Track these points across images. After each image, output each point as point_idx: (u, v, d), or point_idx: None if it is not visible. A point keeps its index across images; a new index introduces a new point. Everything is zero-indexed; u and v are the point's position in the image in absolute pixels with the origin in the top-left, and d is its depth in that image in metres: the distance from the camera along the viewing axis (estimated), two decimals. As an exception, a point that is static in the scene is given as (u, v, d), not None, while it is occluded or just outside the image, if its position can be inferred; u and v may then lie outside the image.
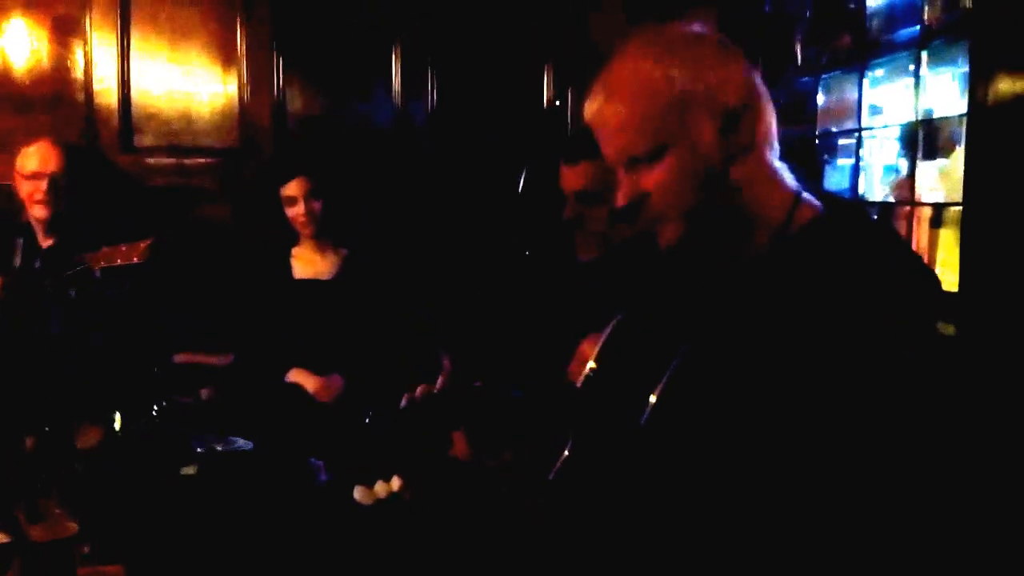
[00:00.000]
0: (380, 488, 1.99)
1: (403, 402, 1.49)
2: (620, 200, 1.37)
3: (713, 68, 1.32)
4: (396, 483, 1.99)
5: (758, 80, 1.37)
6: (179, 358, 3.60)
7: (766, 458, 1.22)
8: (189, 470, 2.23)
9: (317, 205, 3.29)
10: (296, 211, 3.29)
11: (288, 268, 3.36)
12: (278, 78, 4.17)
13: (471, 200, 4.21)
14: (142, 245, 2.89)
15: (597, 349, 1.49)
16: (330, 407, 3.13)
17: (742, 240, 1.37)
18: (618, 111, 1.34)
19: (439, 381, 1.50)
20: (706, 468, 1.27)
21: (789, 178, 1.40)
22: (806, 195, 1.38)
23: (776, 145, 1.39)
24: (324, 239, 3.36)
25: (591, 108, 1.37)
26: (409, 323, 3.42)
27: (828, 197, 1.41)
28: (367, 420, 1.55)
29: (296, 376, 3.20)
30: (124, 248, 2.91)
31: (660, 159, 1.32)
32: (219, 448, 2.36)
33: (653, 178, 1.33)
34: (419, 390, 1.48)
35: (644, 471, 1.33)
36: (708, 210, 1.34)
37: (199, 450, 2.30)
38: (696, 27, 1.39)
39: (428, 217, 4.19)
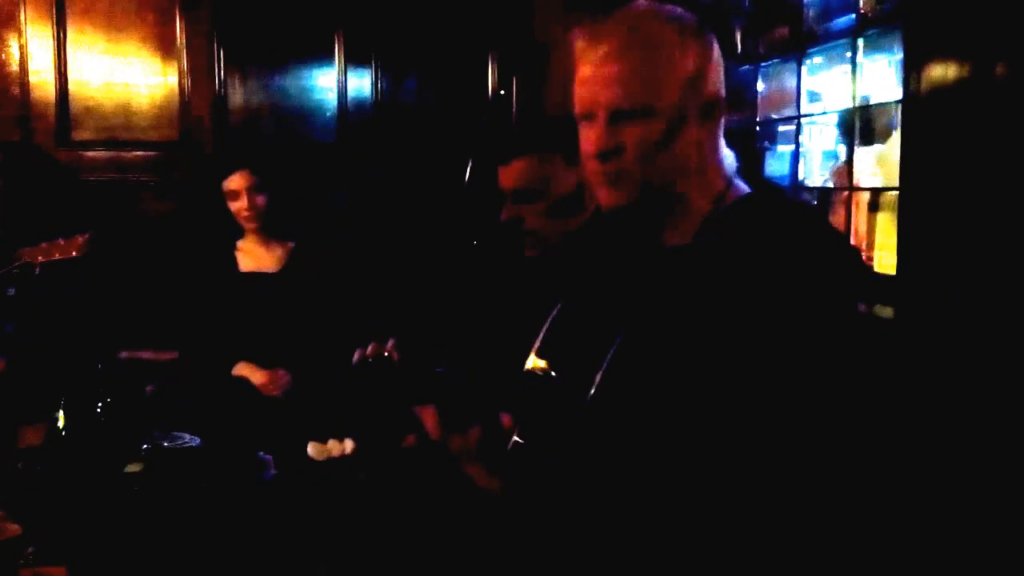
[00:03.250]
0: (333, 446, 2.01)
1: (355, 356, 1.50)
2: (598, 145, 1.38)
3: (714, 56, 1.40)
4: (349, 445, 2.00)
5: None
6: (124, 354, 3.56)
7: (704, 437, 1.25)
8: (134, 467, 2.20)
9: (260, 199, 3.26)
10: (239, 205, 3.26)
11: (233, 261, 3.33)
12: (219, 70, 4.13)
13: (417, 191, 4.21)
14: (80, 239, 2.86)
15: (542, 332, 1.51)
16: (277, 401, 3.11)
17: (676, 218, 1.42)
18: (626, 62, 1.36)
19: (390, 342, 1.50)
20: (649, 447, 1.29)
21: (729, 164, 1.44)
22: (737, 180, 1.43)
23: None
24: (269, 232, 3.33)
25: (597, 51, 1.38)
26: (356, 315, 3.41)
27: (757, 181, 1.46)
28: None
29: (242, 370, 3.17)
30: (62, 242, 2.88)
31: (644, 120, 1.35)
32: (165, 444, 2.34)
33: (634, 135, 1.36)
34: (370, 348, 1.49)
35: (589, 453, 1.35)
36: (662, 182, 1.38)
37: (145, 447, 2.28)
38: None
39: (374, 209, 4.18)
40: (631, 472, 1.31)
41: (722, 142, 1.44)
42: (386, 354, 1.50)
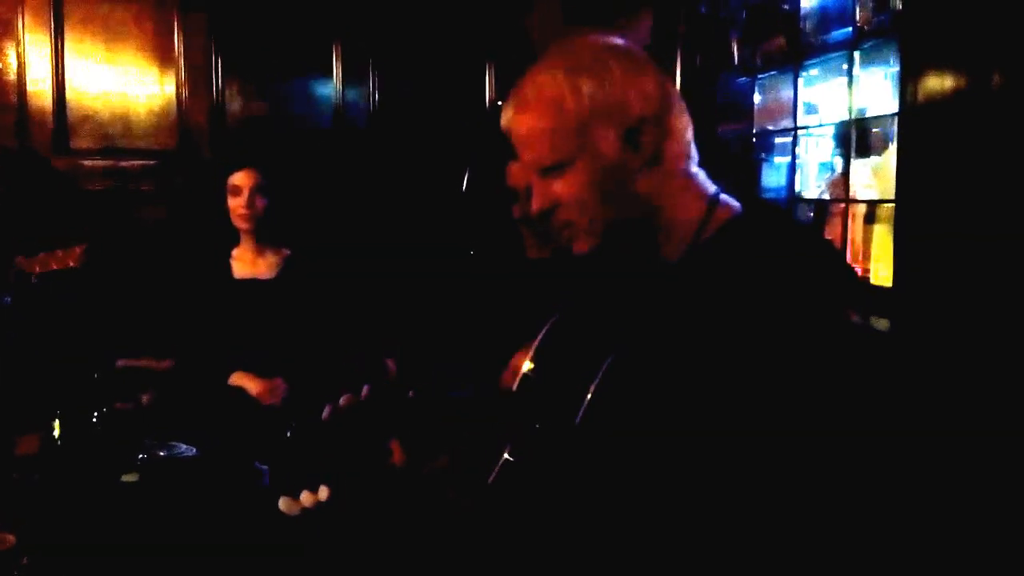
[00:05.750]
0: (306, 498, 1.96)
1: (326, 412, 1.47)
2: (534, 206, 1.40)
3: (621, 81, 1.34)
4: (323, 493, 1.96)
5: (670, 90, 1.39)
6: (120, 363, 3.56)
7: (697, 454, 1.24)
8: (130, 477, 2.20)
9: (261, 202, 3.25)
10: (239, 202, 3.23)
11: (227, 269, 3.32)
12: (216, 78, 4.14)
13: (414, 200, 4.22)
14: (78, 249, 2.87)
15: (532, 350, 1.50)
16: (274, 410, 3.11)
17: (659, 245, 1.40)
18: (527, 123, 1.36)
19: (364, 389, 1.48)
20: (640, 465, 1.29)
21: (706, 182, 1.42)
22: (724, 197, 1.41)
23: (693, 152, 1.41)
24: (263, 239, 3.32)
25: (505, 116, 1.40)
26: (352, 323, 3.41)
27: (748, 198, 1.44)
28: (288, 434, 1.53)
29: (239, 379, 3.17)
30: (60, 253, 2.88)
31: (567, 171, 1.35)
32: (162, 454, 2.33)
33: (561, 188, 1.36)
34: (343, 399, 1.47)
35: (580, 470, 1.35)
36: (617, 220, 1.37)
37: (141, 457, 2.27)
38: (611, 39, 1.40)
39: (371, 217, 4.19)
40: (621, 492, 1.31)
41: (687, 160, 1.40)
42: (363, 399, 1.47)
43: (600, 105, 1.33)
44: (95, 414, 2.26)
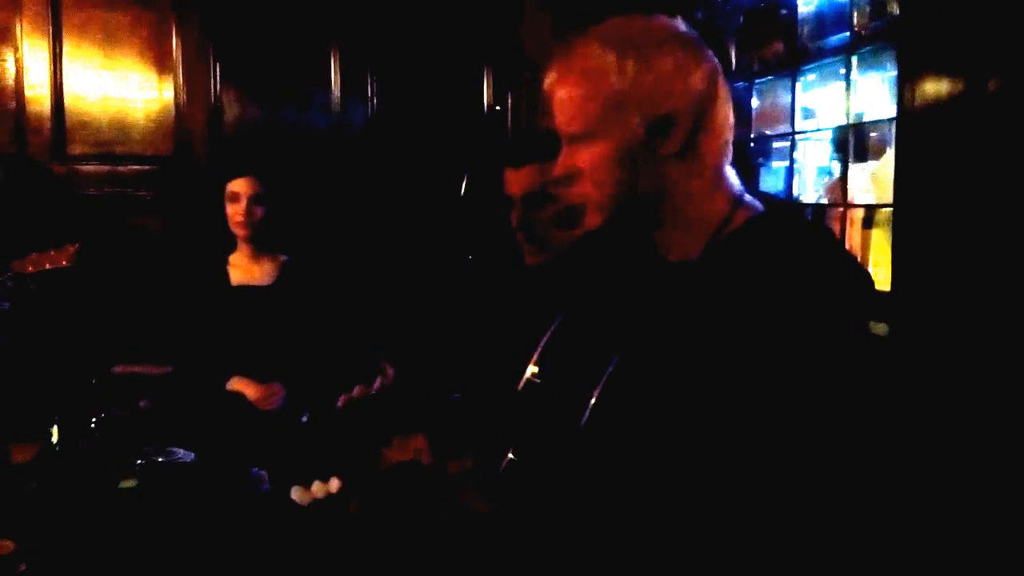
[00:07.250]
0: (317, 488, 1.96)
1: (340, 402, 1.48)
2: (555, 171, 1.41)
3: (668, 73, 1.33)
4: (335, 484, 1.96)
5: (719, 88, 1.38)
6: (118, 369, 3.55)
7: (703, 457, 1.23)
8: (129, 483, 2.20)
9: (259, 210, 3.25)
10: (236, 209, 3.23)
11: (225, 275, 3.32)
12: (214, 84, 4.14)
13: (412, 205, 4.22)
14: (70, 249, 2.86)
15: (537, 353, 1.50)
16: (272, 415, 3.10)
17: (677, 241, 1.39)
18: (565, 88, 1.37)
19: (376, 382, 1.49)
20: (645, 467, 1.28)
21: (734, 181, 1.41)
22: (748, 197, 1.40)
23: (728, 150, 1.40)
24: (261, 245, 3.32)
25: (548, 77, 1.40)
26: (350, 329, 3.40)
27: (768, 199, 1.43)
28: (304, 420, 1.54)
29: (237, 384, 3.16)
30: (52, 252, 2.88)
31: (592, 143, 1.36)
32: (159, 460, 2.33)
33: (584, 158, 1.37)
34: (356, 390, 1.48)
35: (585, 472, 1.35)
36: (631, 203, 1.37)
37: (139, 462, 2.27)
38: (677, 26, 1.39)
39: (369, 222, 4.18)
40: (625, 494, 1.30)
41: (721, 158, 1.38)
42: (374, 392, 1.49)
43: (639, 90, 1.33)
44: (93, 420, 2.25)
